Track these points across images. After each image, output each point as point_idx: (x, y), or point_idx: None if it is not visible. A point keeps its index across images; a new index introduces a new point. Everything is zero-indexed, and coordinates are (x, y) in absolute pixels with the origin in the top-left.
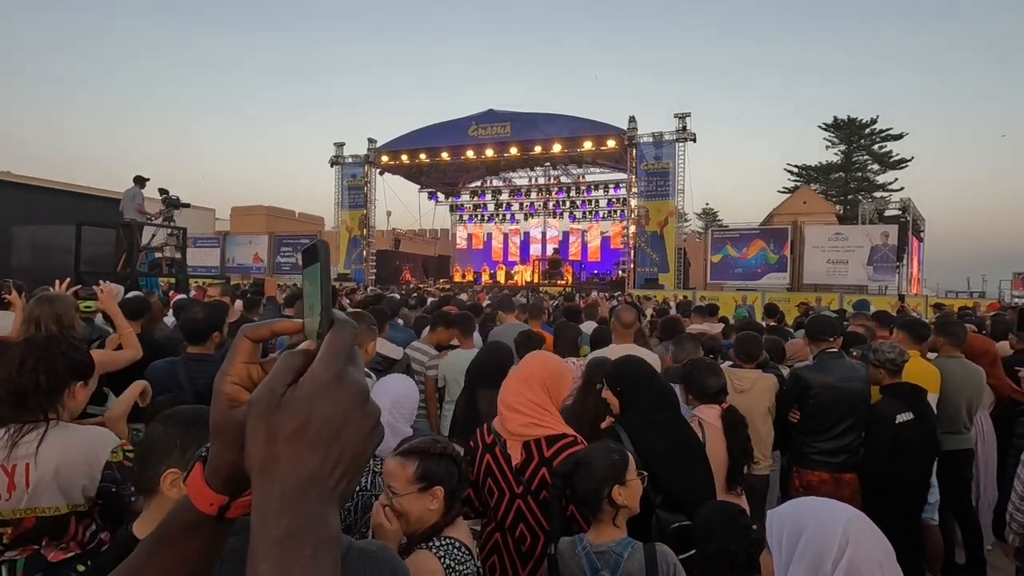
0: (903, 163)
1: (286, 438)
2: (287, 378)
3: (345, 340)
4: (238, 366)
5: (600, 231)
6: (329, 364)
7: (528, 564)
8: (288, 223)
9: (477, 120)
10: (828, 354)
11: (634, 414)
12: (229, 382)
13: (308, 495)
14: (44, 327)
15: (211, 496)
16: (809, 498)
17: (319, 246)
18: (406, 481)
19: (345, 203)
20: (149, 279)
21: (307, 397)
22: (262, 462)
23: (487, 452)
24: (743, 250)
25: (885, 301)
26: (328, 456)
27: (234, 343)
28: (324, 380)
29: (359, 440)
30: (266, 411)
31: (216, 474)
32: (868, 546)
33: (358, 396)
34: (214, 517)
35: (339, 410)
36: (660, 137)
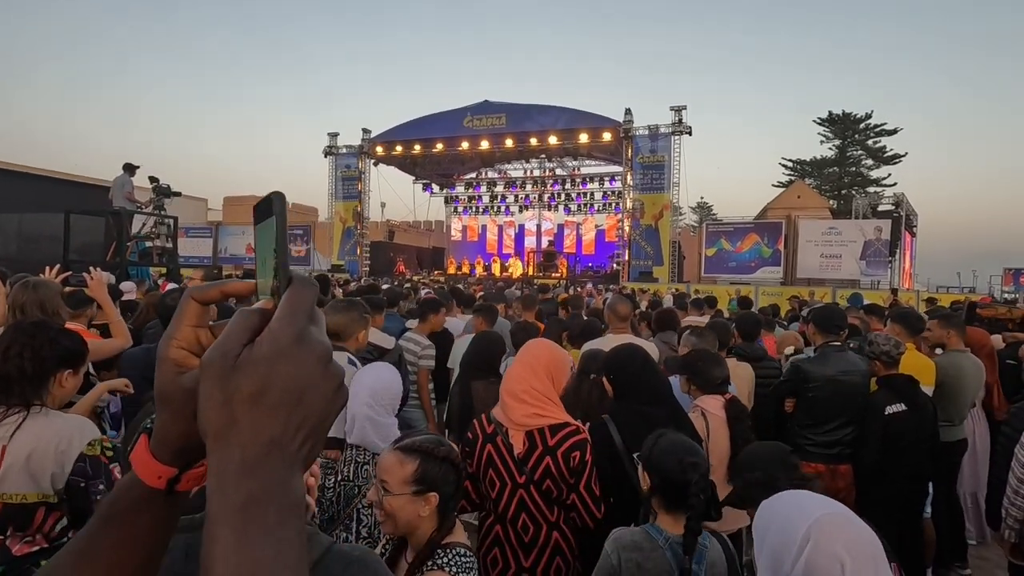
0: (897, 158)
1: (244, 401)
2: (243, 338)
3: (306, 298)
4: (185, 330)
5: (595, 224)
6: (289, 323)
7: (531, 553)
8: None
9: (472, 111)
10: (830, 347)
11: (625, 404)
12: (175, 346)
13: (270, 460)
14: (29, 314)
15: (159, 468)
16: (795, 493)
17: (274, 198)
18: (402, 480)
19: (339, 194)
20: (140, 268)
21: (266, 358)
22: (219, 427)
23: (488, 442)
24: (737, 244)
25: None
26: (290, 420)
27: (180, 305)
28: (284, 340)
29: (322, 403)
30: (221, 373)
31: (164, 446)
32: (829, 546)
33: (321, 357)
34: (163, 491)
35: (301, 372)
36: (656, 130)
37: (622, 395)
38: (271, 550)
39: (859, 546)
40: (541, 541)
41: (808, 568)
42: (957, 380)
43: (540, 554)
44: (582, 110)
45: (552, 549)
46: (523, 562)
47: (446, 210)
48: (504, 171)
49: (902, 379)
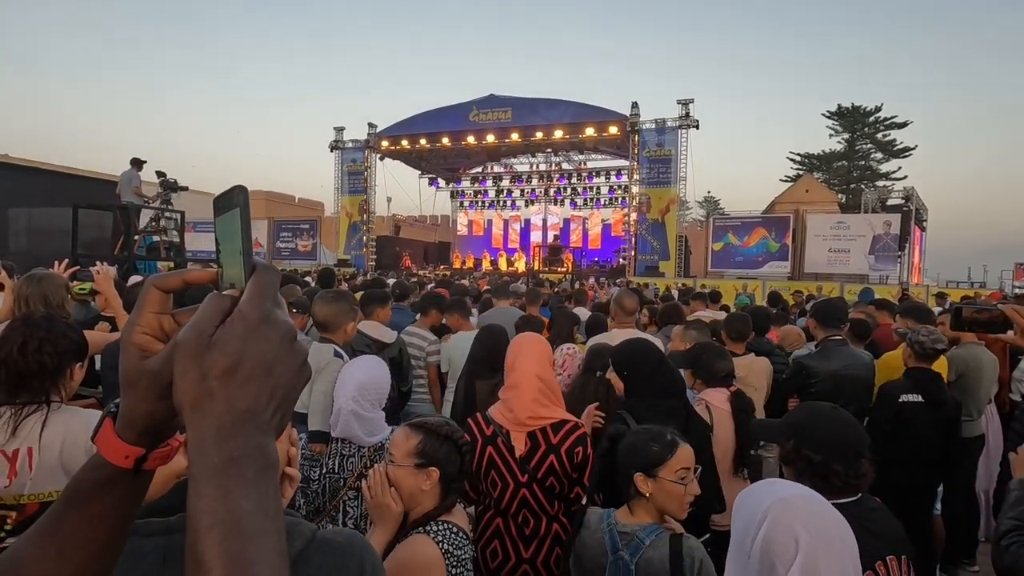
0: (907, 152)
1: (219, 376)
2: (215, 319)
3: (270, 282)
4: (147, 316)
5: (601, 218)
6: (257, 305)
7: (531, 545)
8: (288, 208)
9: (478, 105)
10: (832, 341)
11: (638, 400)
12: (139, 332)
13: (246, 427)
14: (32, 307)
15: (126, 449)
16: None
17: (237, 191)
18: (406, 453)
19: (345, 188)
20: (147, 263)
21: (238, 336)
22: (195, 400)
23: (488, 444)
24: (744, 238)
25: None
26: (262, 391)
27: (142, 293)
28: (254, 319)
29: (290, 376)
30: (196, 350)
31: (131, 426)
32: (786, 523)
33: (287, 335)
34: (131, 471)
35: (270, 348)
36: (663, 123)
37: (635, 391)
38: (252, 502)
39: (819, 525)
40: (541, 533)
41: (765, 542)
42: (977, 372)
43: (540, 545)
44: (588, 104)
45: (552, 540)
46: (523, 553)
47: (452, 204)
48: (510, 165)
49: (928, 374)
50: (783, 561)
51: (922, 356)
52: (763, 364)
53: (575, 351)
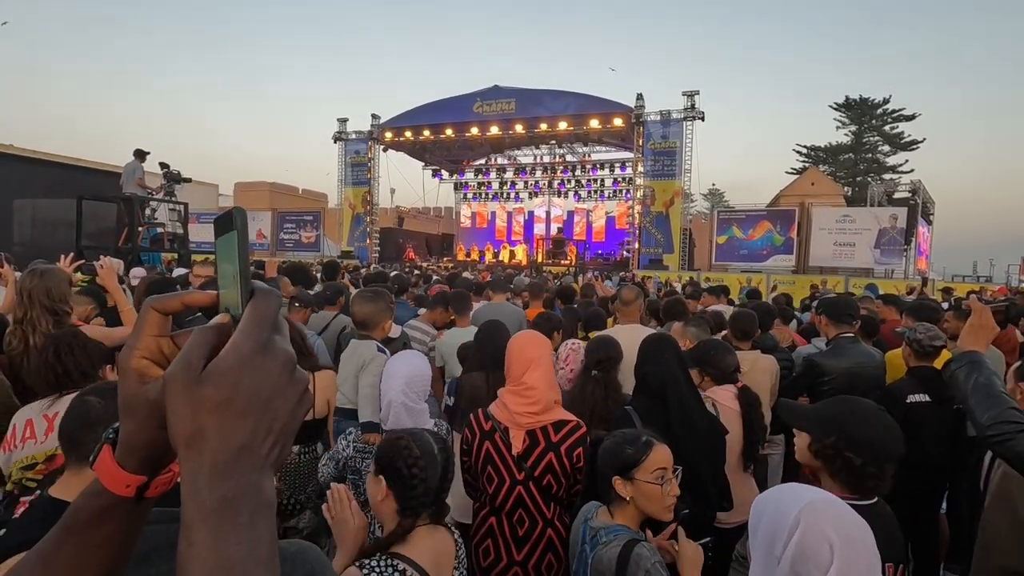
0: (914, 144)
1: (212, 410)
2: (203, 351)
3: (268, 309)
4: (147, 340)
5: (605, 211)
6: (252, 334)
7: (524, 548)
8: (291, 199)
9: (482, 96)
10: (844, 339)
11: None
12: (137, 356)
13: (240, 464)
14: (35, 301)
15: (127, 478)
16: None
17: (235, 213)
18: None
19: (348, 180)
20: (151, 254)
21: (232, 368)
22: (189, 437)
23: (486, 439)
24: (749, 231)
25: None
26: (258, 426)
27: (140, 315)
28: (248, 350)
29: (288, 409)
30: (186, 384)
31: (131, 454)
32: (819, 528)
33: (285, 365)
34: (132, 499)
35: (266, 380)
36: (668, 115)
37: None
38: (244, 548)
39: (848, 529)
40: (535, 536)
41: (799, 549)
42: None
43: (533, 549)
44: (593, 95)
45: (545, 545)
46: (515, 555)
47: (455, 196)
48: (514, 157)
49: (932, 372)
50: (818, 567)
51: (922, 354)
52: (768, 362)
53: (579, 346)
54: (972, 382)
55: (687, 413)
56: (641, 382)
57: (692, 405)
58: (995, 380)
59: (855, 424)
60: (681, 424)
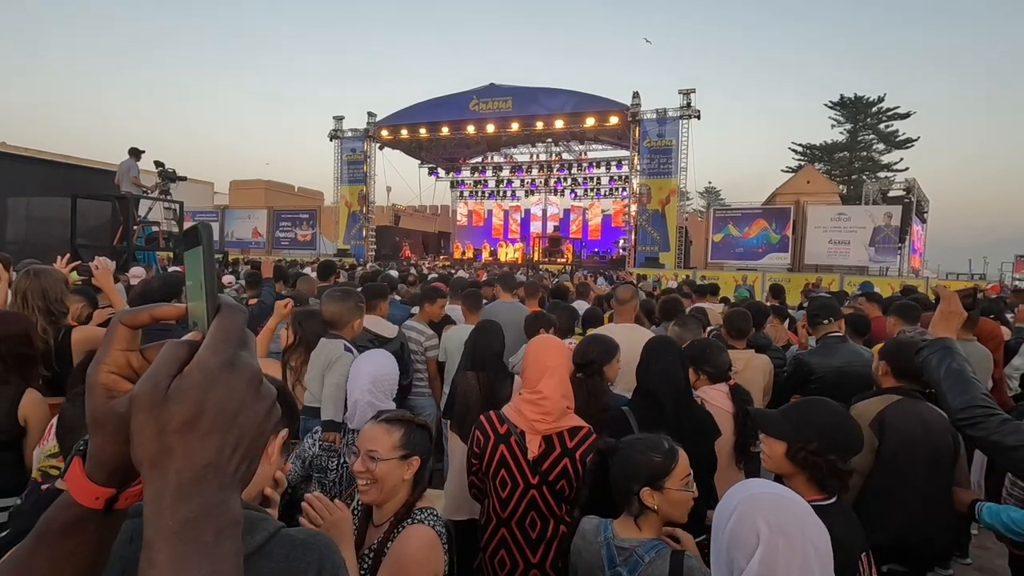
0: (909, 143)
1: (177, 430)
2: (171, 369)
3: (235, 324)
4: (115, 354)
5: (601, 209)
6: (218, 350)
7: (539, 548)
8: (287, 197)
9: (478, 94)
10: (832, 338)
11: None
12: (105, 371)
13: (206, 483)
14: (31, 301)
15: (95, 490)
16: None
17: (200, 228)
18: (390, 447)
19: (344, 178)
20: (147, 253)
21: (197, 385)
22: (153, 456)
23: (501, 443)
24: (745, 230)
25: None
26: (225, 443)
27: (109, 330)
28: (214, 367)
29: (255, 424)
30: (151, 404)
31: (100, 467)
32: (750, 517)
33: (252, 380)
34: (101, 511)
35: (233, 396)
36: (664, 114)
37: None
38: (207, 569)
39: (783, 520)
40: (549, 535)
41: (730, 536)
42: None
43: (548, 548)
44: (589, 93)
45: (560, 541)
46: (531, 558)
47: (452, 194)
48: (510, 155)
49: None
50: (744, 553)
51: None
52: (762, 361)
53: (574, 345)
54: (945, 367)
55: (690, 415)
56: (642, 384)
57: (692, 407)
58: (966, 366)
59: (834, 427)
60: (685, 426)
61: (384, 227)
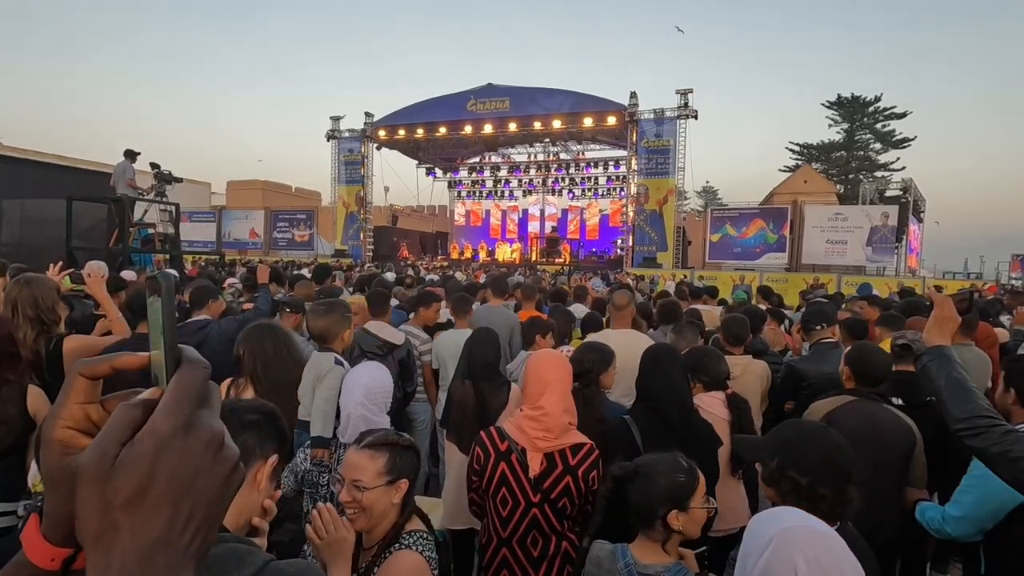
0: (905, 142)
1: (124, 504)
2: (121, 435)
3: (193, 381)
4: (71, 408)
5: (599, 209)
6: (172, 412)
7: (542, 566)
8: (285, 198)
9: (476, 95)
10: (824, 344)
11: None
12: (61, 427)
13: (153, 562)
14: (22, 310)
15: (50, 551)
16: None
17: (159, 277)
18: (376, 474)
19: (342, 178)
20: (142, 255)
21: (147, 454)
22: (96, 533)
23: (502, 460)
24: (742, 230)
25: (883, 282)
26: (176, 514)
27: (67, 381)
28: (166, 431)
29: (213, 490)
30: (98, 476)
31: (56, 527)
32: (787, 552)
33: (210, 444)
34: (58, 571)
35: (186, 462)
36: (661, 114)
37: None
38: None
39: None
40: (551, 552)
41: (764, 571)
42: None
43: (551, 565)
44: (587, 93)
45: (562, 558)
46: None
47: (449, 195)
48: (508, 155)
49: (908, 376)
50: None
51: (900, 357)
52: (760, 367)
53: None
54: (945, 376)
55: (693, 426)
56: (643, 394)
57: (695, 418)
58: (966, 375)
59: (798, 445)
60: (686, 437)
61: (382, 227)
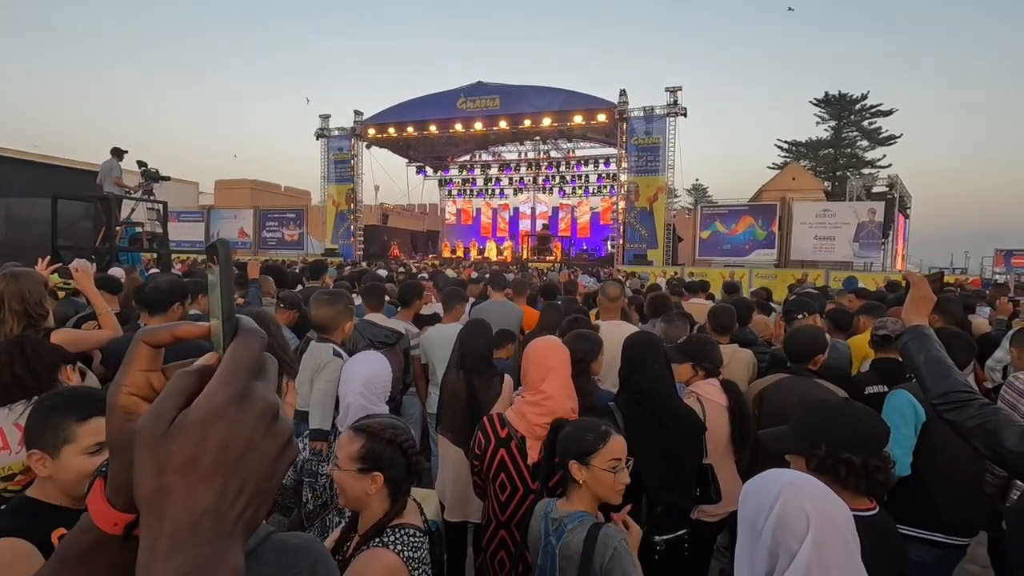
0: (892, 139)
1: (177, 469)
2: (177, 400)
3: (250, 352)
4: (135, 375)
5: (590, 207)
6: (228, 381)
7: None
8: (274, 197)
9: (466, 93)
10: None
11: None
12: (125, 393)
13: (201, 533)
14: (8, 304)
15: (114, 515)
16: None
17: (217, 245)
18: (348, 457)
19: (332, 177)
20: (130, 254)
21: (200, 421)
22: (151, 497)
23: (501, 447)
24: (732, 226)
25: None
26: (227, 486)
27: (130, 349)
28: (221, 400)
29: (265, 464)
30: (152, 439)
31: (119, 492)
32: (797, 501)
33: (264, 415)
34: (120, 536)
35: (240, 433)
36: (651, 111)
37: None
38: None
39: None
40: None
41: (778, 521)
42: None
43: None
44: (577, 91)
45: None
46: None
47: (440, 193)
48: (498, 153)
49: (891, 362)
50: (796, 536)
51: (880, 345)
52: (746, 355)
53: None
54: (924, 355)
55: (674, 413)
56: (625, 382)
57: (678, 405)
58: (944, 353)
59: (836, 424)
60: (669, 424)
61: (372, 226)
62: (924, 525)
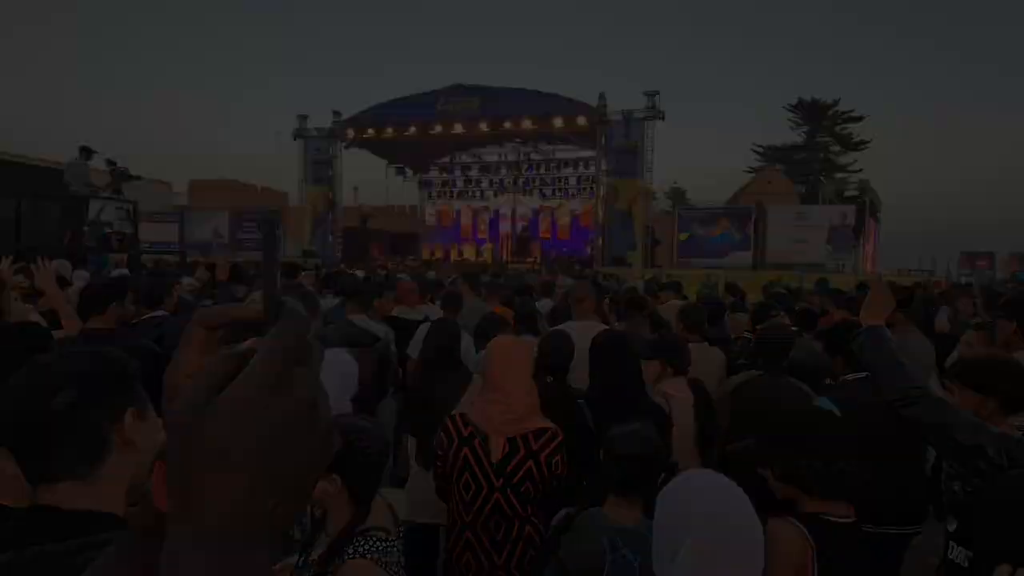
0: (863, 144)
1: (203, 462)
2: (211, 384)
3: (291, 336)
4: (192, 356)
5: (570, 209)
6: (267, 365)
7: (504, 550)
8: (250, 198)
9: (445, 95)
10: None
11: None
12: (181, 376)
13: (227, 533)
14: None
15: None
16: (684, 473)
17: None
18: None
19: (310, 178)
20: (99, 256)
21: (233, 410)
22: (177, 492)
23: (464, 445)
24: (709, 229)
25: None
26: (256, 482)
27: (187, 330)
28: (256, 387)
29: (302, 458)
30: (183, 428)
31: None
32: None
33: (301, 405)
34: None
35: (274, 424)
36: (629, 115)
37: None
38: None
39: (713, 500)
40: (514, 535)
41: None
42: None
43: (513, 549)
44: (556, 94)
45: (525, 542)
46: (496, 560)
47: (420, 195)
48: (479, 155)
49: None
50: (688, 531)
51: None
52: (716, 354)
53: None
54: (879, 353)
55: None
56: (593, 379)
57: (643, 401)
58: (897, 352)
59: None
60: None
61: (351, 228)
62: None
